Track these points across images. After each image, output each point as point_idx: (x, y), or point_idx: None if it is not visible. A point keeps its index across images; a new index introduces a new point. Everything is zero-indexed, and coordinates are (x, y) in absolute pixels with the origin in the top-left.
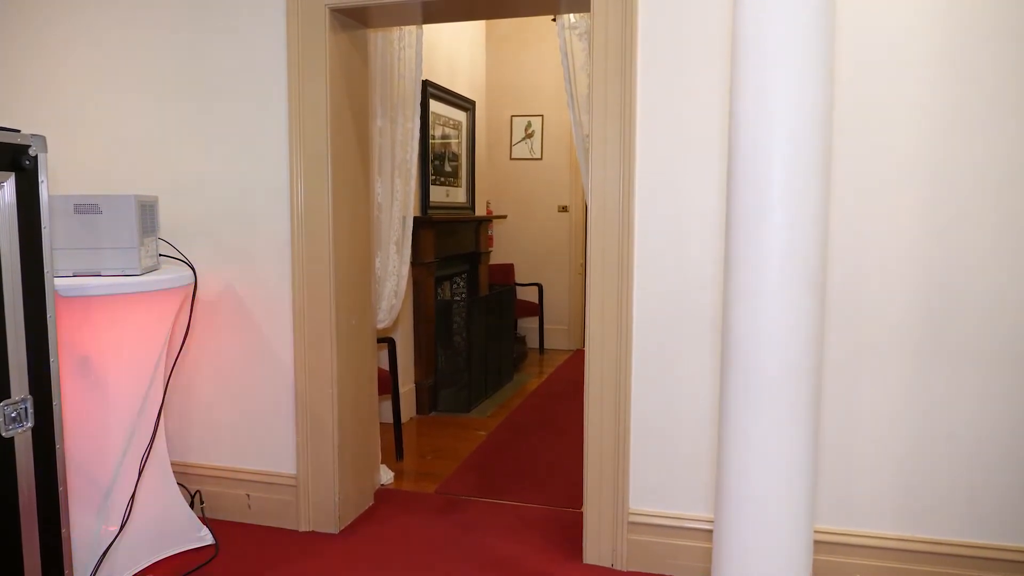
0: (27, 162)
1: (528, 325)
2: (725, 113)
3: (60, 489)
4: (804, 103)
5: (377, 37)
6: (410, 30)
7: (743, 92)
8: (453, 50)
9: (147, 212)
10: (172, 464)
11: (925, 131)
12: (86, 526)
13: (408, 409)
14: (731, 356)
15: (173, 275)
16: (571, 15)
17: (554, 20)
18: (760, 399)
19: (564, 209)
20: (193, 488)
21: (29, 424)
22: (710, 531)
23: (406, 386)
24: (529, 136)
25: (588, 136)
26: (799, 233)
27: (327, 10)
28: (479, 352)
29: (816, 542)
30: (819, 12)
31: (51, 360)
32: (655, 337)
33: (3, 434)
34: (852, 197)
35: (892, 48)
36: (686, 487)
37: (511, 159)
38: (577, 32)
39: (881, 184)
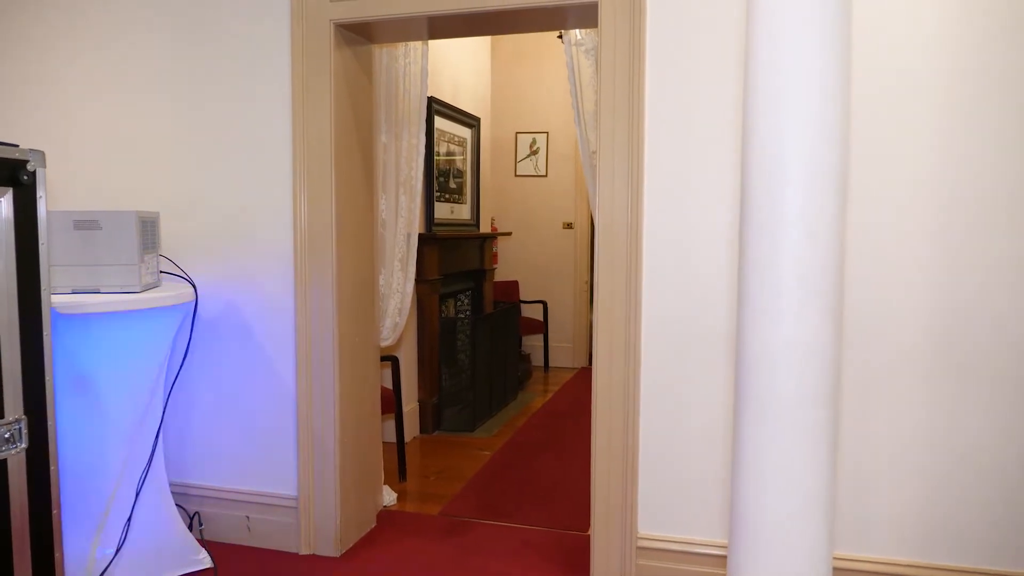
0: (25, 177)
1: (533, 343)
2: (737, 128)
3: (54, 512)
4: (820, 118)
5: (382, 53)
6: (415, 46)
7: (757, 107)
8: (458, 67)
9: (148, 228)
10: (170, 484)
11: (937, 153)
12: (81, 549)
13: (412, 428)
14: (745, 379)
15: (173, 292)
16: (577, 32)
17: (560, 37)
18: (776, 424)
19: (569, 226)
20: (192, 509)
21: (23, 445)
22: (722, 556)
23: (409, 405)
24: (534, 153)
25: (595, 152)
26: (816, 252)
27: (332, 25)
28: (483, 370)
29: (833, 568)
30: (835, 24)
31: (46, 379)
32: (664, 357)
33: None
34: (863, 217)
35: (902, 74)
36: (697, 511)
37: (516, 176)
38: (583, 49)
39: (893, 204)
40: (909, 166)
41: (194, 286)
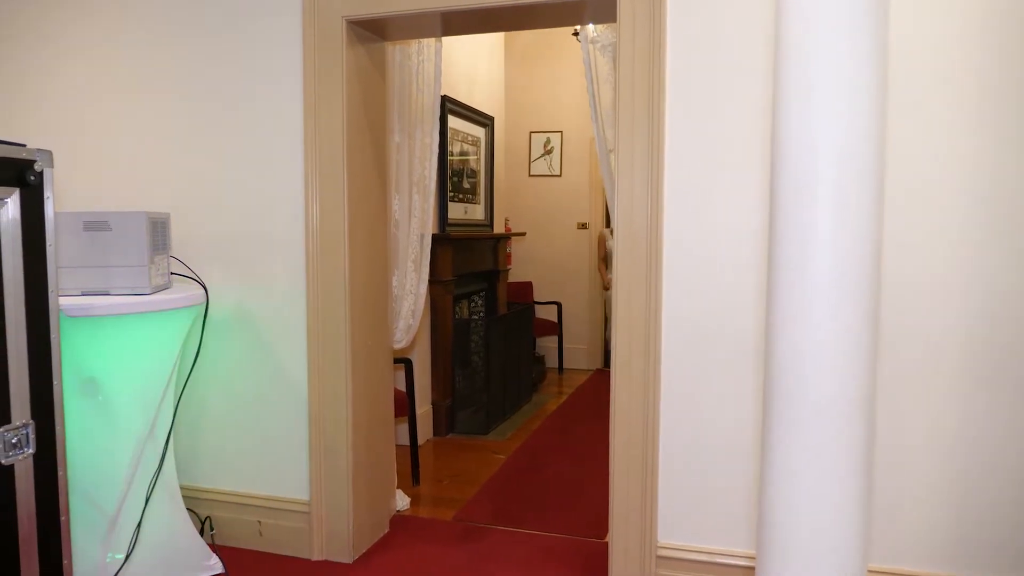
0: (32, 177)
1: (547, 344)
2: (764, 123)
3: (62, 518)
4: (855, 111)
5: (395, 50)
6: (429, 43)
7: (787, 99)
8: (472, 65)
9: (158, 229)
10: (181, 488)
11: (970, 151)
12: (90, 554)
13: (425, 431)
14: (775, 385)
15: (184, 294)
16: (592, 28)
17: (575, 34)
18: (809, 432)
19: (583, 226)
20: (203, 514)
21: (30, 450)
22: (745, 567)
23: (423, 407)
24: (548, 152)
25: (613, 151)
26: (851, 252)
27: (344, 22)
28: (497, 372)
29: None
30: (872, 8)
31: (54, 383)
32: (686, 361)
33: (3, 461)
34: (893, 218)
35: (935, 67)
36: (719, 520)
37: (530, 176)
38: (598, 45)
39: (922, 201)
40: (939, 164)
41: (205, 288)
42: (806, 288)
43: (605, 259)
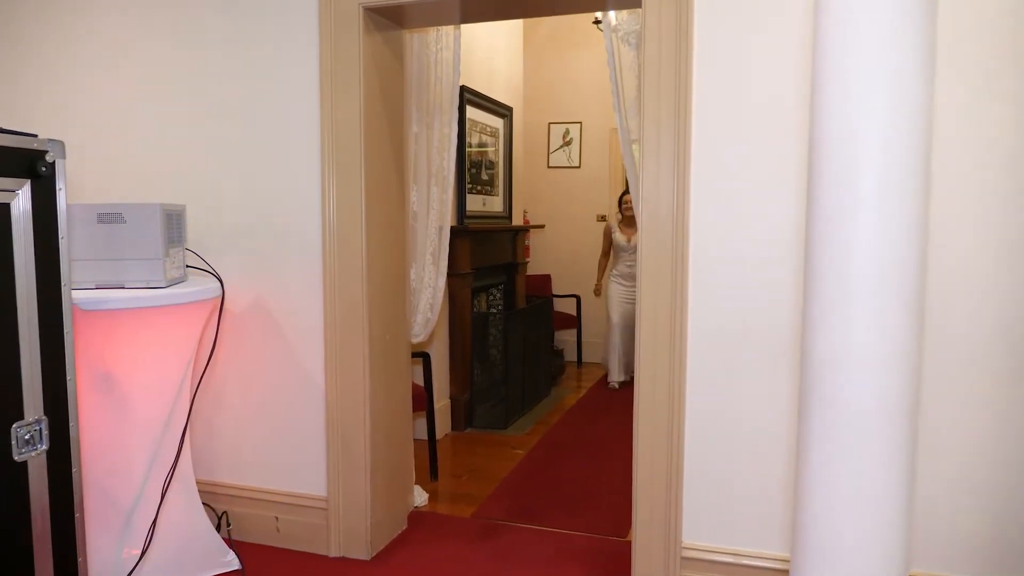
0: (44, 168)
1: (566, 338)
2: (799, 110)
3: (76, 515)
4: (901, 97)
5: (413, 39)
6: (447, 31)
7: (826, 84)
8: (490, 55)
9: (173, 221)
10: (198, 483)
11: (1008, 141)
12: (106, 550)
13: (443, 425)
14: (812, 387)
15: (200, 287)
16: (614, 15)
17: (596, 23)
18: (849, 438)
19: (603, 218)
20: (220, 509)
21: (43, 447)
22: (773, 569)
23: (441, 401)
24: (567, 143)
25: (637, 141)
26: (895, 247)
27: (361, 9)
28: (516, 366)
29: None
30: None
31: (68, 378)
32: (714, 358)
33: (16, 458)
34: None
35: (978, 57)
36: (746, 520)
37: (548, 167)
38: (620, 34)
39: (961, 200)
40: (973, 152)
41: (221, 281)
42: (846, 285)
43: (607, 254)
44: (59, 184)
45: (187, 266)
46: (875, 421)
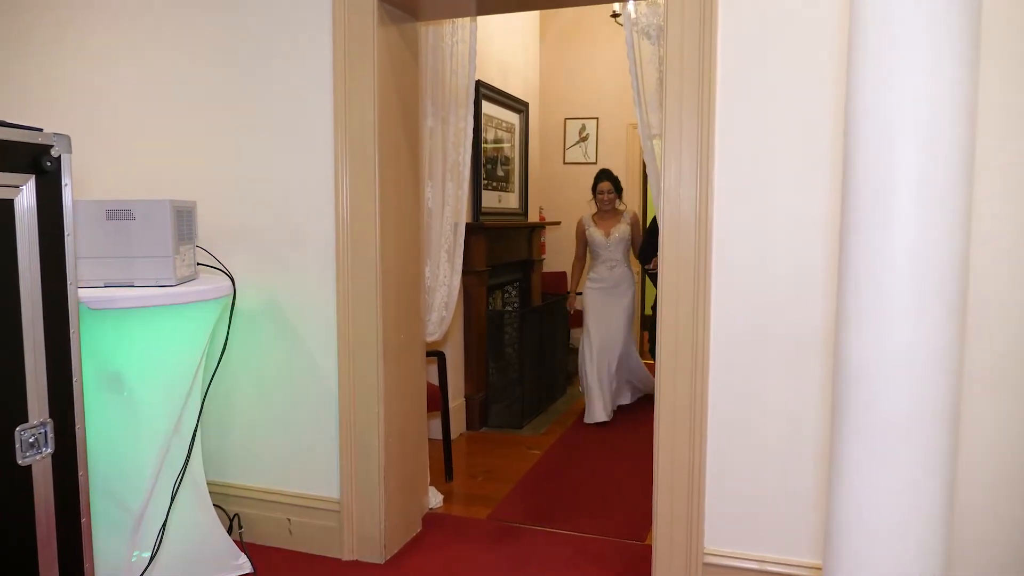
0: (49, 163)
1: (582, 335)
2: (825, 101)
3: (83, 520)
4: (943, 84)
5: (428, 31)
6: (463, 23)
7: (861, 73)
8: (506, 50)
9: (184, 218)
10: (209, 484)
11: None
12: (115, 553)
13: (458, 424)
14: (847, 392)
15: (211, 285)
16: (633, 9)
17: (614, 16)
18: (887, 446)
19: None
20: (231, 511)
21: (48, 450)
22: None
23: (455, 400)
24: (583, 139)
25: (658, 137)
26: (937, 245)
27: (375, 0)
28: (532, 365)
29: None
30: None
31: (73, 380)
32: (738, 358)
33: (20, 462)
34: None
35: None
36: (771, 526)
37: (564, 163)
38: (639, 27)
39: (990, 204)
40: (1012, 149)
41: (232, 279)
42: (883, 285)
43: (583, 258)
44: (65, 180)
45: (198, 264)
46: (913, 426)
